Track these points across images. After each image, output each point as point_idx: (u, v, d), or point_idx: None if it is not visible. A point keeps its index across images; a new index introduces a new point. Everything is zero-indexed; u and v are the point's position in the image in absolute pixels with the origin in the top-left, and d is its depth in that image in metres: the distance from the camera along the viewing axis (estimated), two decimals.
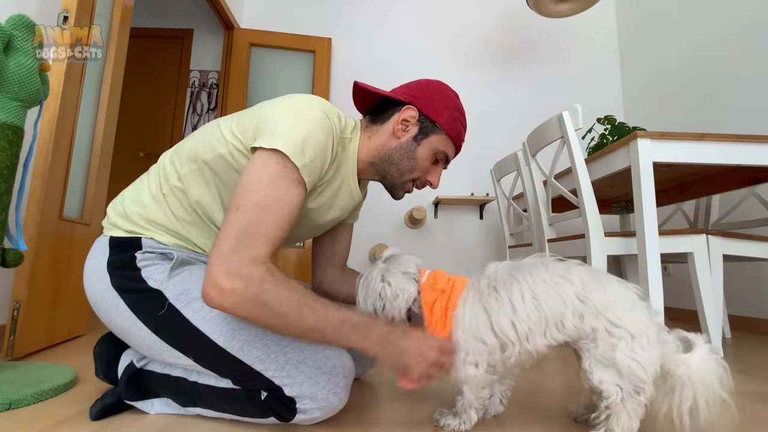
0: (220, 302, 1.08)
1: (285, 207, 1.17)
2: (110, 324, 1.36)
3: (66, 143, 2.43)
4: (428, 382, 1.22)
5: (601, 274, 1.21)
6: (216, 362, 1.25)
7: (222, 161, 1.32)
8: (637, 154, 2.35)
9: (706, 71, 4.05)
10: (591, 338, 1.13)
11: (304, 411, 1.21)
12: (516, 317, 1.15)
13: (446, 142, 1.49)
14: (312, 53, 5.06)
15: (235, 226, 1.12)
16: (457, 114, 1.51)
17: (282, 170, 1.17)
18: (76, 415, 1.34)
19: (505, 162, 3.90)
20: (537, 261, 1.25)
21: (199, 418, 1.34)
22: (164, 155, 1.48)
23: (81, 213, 2.67)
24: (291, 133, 1.20)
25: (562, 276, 1.17)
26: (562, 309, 1.14)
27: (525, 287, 1.18)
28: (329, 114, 1.32)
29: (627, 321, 1.10)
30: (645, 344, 1.09)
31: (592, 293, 1.14)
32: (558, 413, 1.45)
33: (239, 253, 1.09)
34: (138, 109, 5.28)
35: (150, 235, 1.35)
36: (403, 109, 1.47)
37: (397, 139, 1.48)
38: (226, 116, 1.43)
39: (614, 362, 1.10)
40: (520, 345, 1.16)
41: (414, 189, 1.59)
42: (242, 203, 1.14)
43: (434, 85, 1.54)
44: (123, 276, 1.31)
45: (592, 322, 1.12)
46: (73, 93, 2.47)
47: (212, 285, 1.08)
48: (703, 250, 2.46)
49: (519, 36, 5.37)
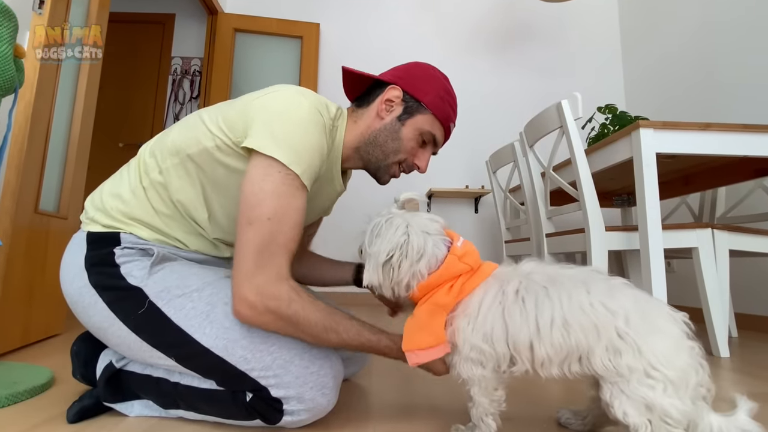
0: (255, 320, 1.19)
1: (295, 215, 1.22)
2: (88, 323, 1.35)
3: (42, 133, 2.42)
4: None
5: (649, 301, 1.10)
6: (199, 362, 1.25)
7: (207, 155, 1.32)
8: (640, 144, 2.36)
9: (712, 59, 4.06)
10: (621, 374, 1.01)
11: (291, 413, 1.21)
12: (538, 341, 1.06)
13: (433, 122, 1.49)
14: (299, 39, 5.06)
15: (254, 242, 1.17)
16: (445, 94, 1.50)
17: (285, 178, 1.20)
18: (53, 418, 1.33)
19: (502, 153, 3.91)
20: (580, 277, 1.12)
21: (181, 420, 1.33)
22: (144, 147, 1.47)
23: (57, 206, 2.65)
24: (286, 139, 1.22)
25: (603, 303, 1.05)
26: (594, 344, 1.03)
27: (557, 311, 1.06)
28: (319, 108, 1.32)
29: (667, 365, 0.99)
30: (683, 390, 0.98)
31: (634, 328, 1.02)
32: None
33: (264, 271, 1.17)
34: (117, 97, 5.26)
35: (129, 230, 1.35)
36: (387, 89, 1.48)
37: (381, 119, 1.48)
38: (209, 108, 1.43)
39: (649, 404, 0.98)
40: (531, 366, 1.09)
41: (401, 173, 1.58)
42: (254, 218, 1.18)
43: (422, 66, 1.54)
44: (101, 273, 1.31)
45: (631, 362, 1.00)
46: (50, 81, 2.46)
47: (244, 304, 1.17)
48: (709, 245, 2.47)
49: (516, 20, 5.38)
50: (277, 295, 1.16)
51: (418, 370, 1.27)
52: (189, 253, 1.42)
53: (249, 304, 1.16)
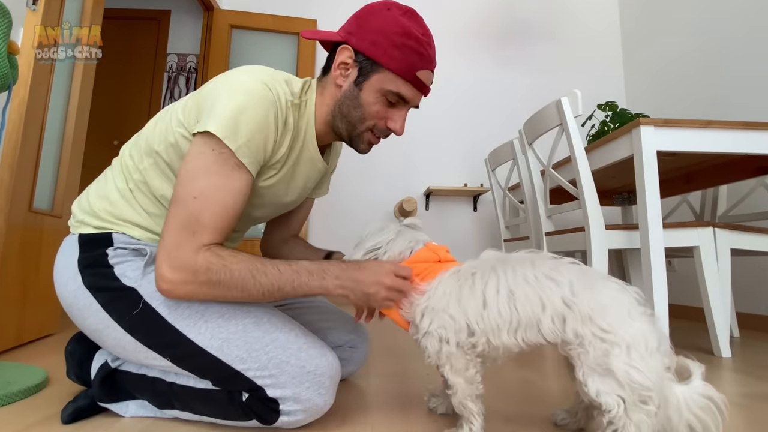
0: (176, 293, 1.19)
1: (226, 195, 1.20)
2: (83, 326, 1.35)
3: (36, 131, 2.42)
4: (387, 309, 1.33)
5: (596, 275, 1.17)
6: (194, 363, 1.25)
7: (173, 151, 1.31)
8: (640, 142, 2.36)
9: (714, 54, 4.06)
10: (578, 344, 1.07)
11: (288, 413, 1.21)
12: (485, 311, 1.15)
13: (393, 78, 1.35)
14: (296, 36, 5.06)
15: (177, 220, 1.18)
16: (402, 39, 1.32)
17: (218, 157, 1.18)
18: (47, 418, 1.33)
19: (501, 151, 3.91)
20: (526, 256, 1.23)
21: (176, 421, 1.34)
22: (124, 148, 1.47)
23: (52, 205, 2.66)
24: (223, 113, 1.19)
25: (548, 276, 1.14)
26: (539, 312, 1.11)
27: (502, 282, 1.16)
28: (271, 83, 1.28)
29: (621, 329, 1.04)
30: (644, 352, 1.02)
31: (580, 297, 1.09)
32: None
33: (182, 247, 1.16)
34: (112, 94, 5.26)
35: (121, 230, 1.35)
36: (338, 51, 1.39)
37: (339, 88, 1.41)
38: (179, 100, 1.41)
39: (609, 369, 1.02)
40: (486, 338, 1.16)
41: (378, 139, 1.49)
42: (181, 196, 1.18)
43: (373, 8, 1.40)
44: (95, 274, 1.30)
45: (577, 328, 1.07)
46: (44, 78, 2.46)
47: (163, 280, 1.17)
48: (710, 243, 2.47)
49: (515, 16, 5.39)
50: (193, 266, 1.15)
51: (415, 373, 1.28)
52: None
53: (167, 281, 1.16)
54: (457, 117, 5.00)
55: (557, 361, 2.22)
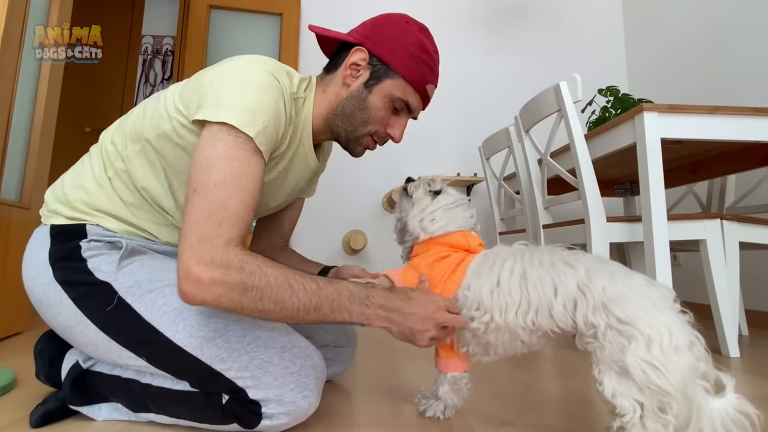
0: (203, 296, 1.07)
1: (247, 180, 1.17)
2: (53, 322, 1.35)
3: (3, 117, 2.40)
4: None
5: (621, 267, 1.16)
6: (171, 362, 1.25)
7: (167, 140, 1.31)
8: (643, 129, 2.36)
9: (721, 37, 4.07)
10: (593, 335, 1.05)
11: (270, 416, 1.21)
12: (498, 289, 1.22)
13: (405, 87, 1.44)
14: (279, 16, 5.00)
15: (199, 210, 1.10)
16: (419, 52, 1.43)
17: (235, 141, 1.16)
18: (15, 421, 1.33)
19: (496, 138, 3.90)
20: (549, 247, 1.28)
21: (152, 425, 1.33)
22: (105, 134, 1.46)
23: (20, 195, 2.65)
24: (238, 103, 1.19)
25: (565, 261, 1.17)
26: (551, 295, 1.13)
27: (518, 265, 1.23)
28: (277, 74, 1.30)
29: (641, 319, 0.99)
30: (666, 348, 0.96)
31: (595, 282, 1.08)
32: (556, 420, 1.47)
33: (209, 239, 1.08)
34: (84, 78, 5.19)
35: (96, 222, 1.34)
36: (352, 51, 1.44)
37: (347, 87, 1.46)
38: (168, 88, 1.41)
39: (624, 366, 0.98)
40: (492, 316, 1.21)
41: (375, 145, 1.56)
42: (200, 184, 1.12)
43: (392, 19, 1.48)
44: (67, 268, 1.30)
45: (588, 315, 1.06)
46: (11, 61, 2.44)
47: (188, 279, 1.06)
48: (717, 236, 2.48)
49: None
50: (225, 261, 1.07)
51: (405, 374, 1.28)
52: (160, 246, 1.42)
53: (194, 279, 1.05)
54: (450, 102, 4.99)
55: (554, 363, 2.23)
